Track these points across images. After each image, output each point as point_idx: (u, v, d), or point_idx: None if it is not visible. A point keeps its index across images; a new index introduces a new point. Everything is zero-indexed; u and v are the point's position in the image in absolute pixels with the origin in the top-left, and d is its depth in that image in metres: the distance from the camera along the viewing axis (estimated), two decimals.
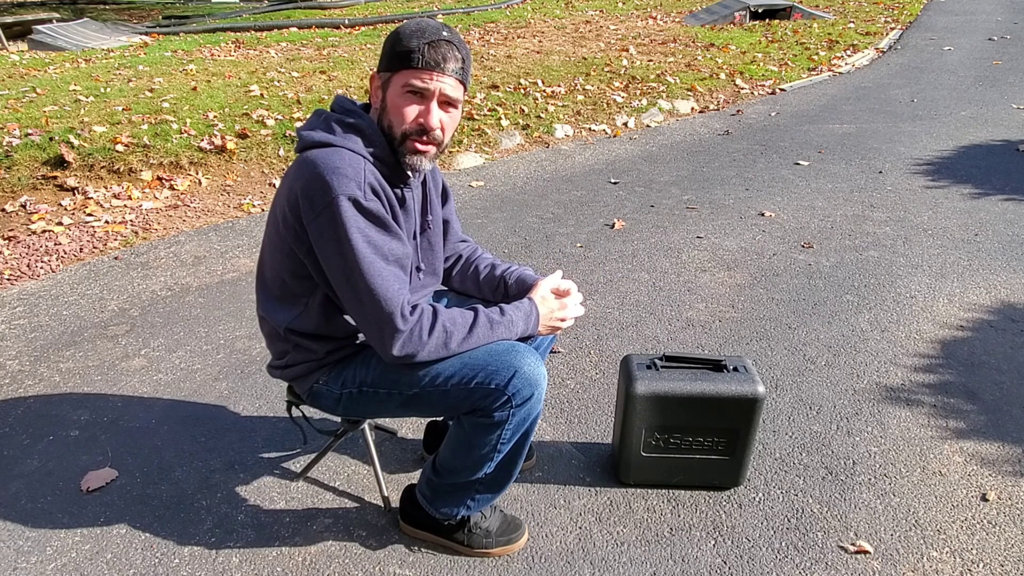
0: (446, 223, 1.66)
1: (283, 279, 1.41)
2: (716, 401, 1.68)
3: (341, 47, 7.71)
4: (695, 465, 1.78)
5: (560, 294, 1.56)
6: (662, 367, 1.74)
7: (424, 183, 1.51)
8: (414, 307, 1.33)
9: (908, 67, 7.58)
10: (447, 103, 1.33)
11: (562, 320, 1.52)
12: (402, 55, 1.28)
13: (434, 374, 1.38)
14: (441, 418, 1.94)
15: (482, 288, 1.69)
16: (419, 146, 1.34)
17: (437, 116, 1.32)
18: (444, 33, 1.29)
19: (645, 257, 3.23)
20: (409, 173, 1.38)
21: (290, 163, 4.28)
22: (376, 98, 1.36)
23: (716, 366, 1.74)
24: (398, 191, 1.40)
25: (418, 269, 1.52)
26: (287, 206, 1.32)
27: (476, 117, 5.20)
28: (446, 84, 1.30)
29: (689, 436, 1.75)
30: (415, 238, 1.49)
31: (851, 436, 2.02)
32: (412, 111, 1.31)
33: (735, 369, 1.73)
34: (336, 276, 1.31)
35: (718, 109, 6.08)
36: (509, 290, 1.64)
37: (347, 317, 1.45)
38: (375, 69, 1.36)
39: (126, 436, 2.04)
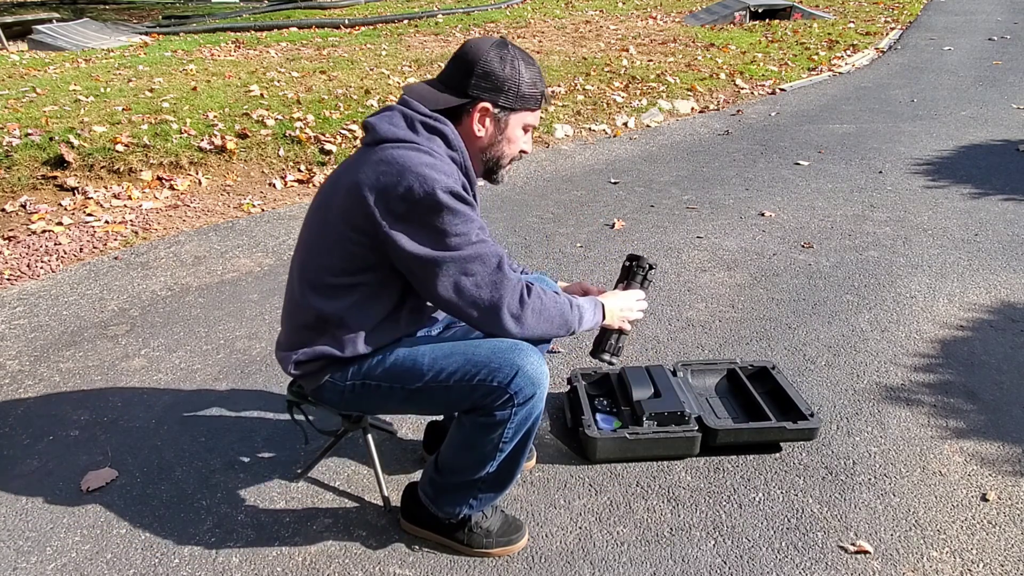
0: None
1: (341, 269, 1.39)
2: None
3: (341, 47, 7.71)
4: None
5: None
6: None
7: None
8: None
9: (908, 67, 7.58)
10: None
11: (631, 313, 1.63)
12: (532, 98, 1.44)
13: (437, 369, 1.38)
14: (441, 417, 1.95)
15: None
16: (511, 165, 1.54)
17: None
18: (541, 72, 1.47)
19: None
20: (480, 181, 1.53)
21: (290, 162, 4.31)
22: (484, 129, 1.44)
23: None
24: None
25: None
26: (368, 198, 1.30)
27: None
28: None
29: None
30: None
31: (851, 436, 2.02)
32: (523, 142, 1.51)
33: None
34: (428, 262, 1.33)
35: (718, 109, 6.08)
36: None
37: (390, 308, 1.44)
38: (487, 103, 1.41)
39: (126, 436, 2.04)
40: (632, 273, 1.70)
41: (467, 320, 1.39)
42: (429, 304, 1.52)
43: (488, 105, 1.41)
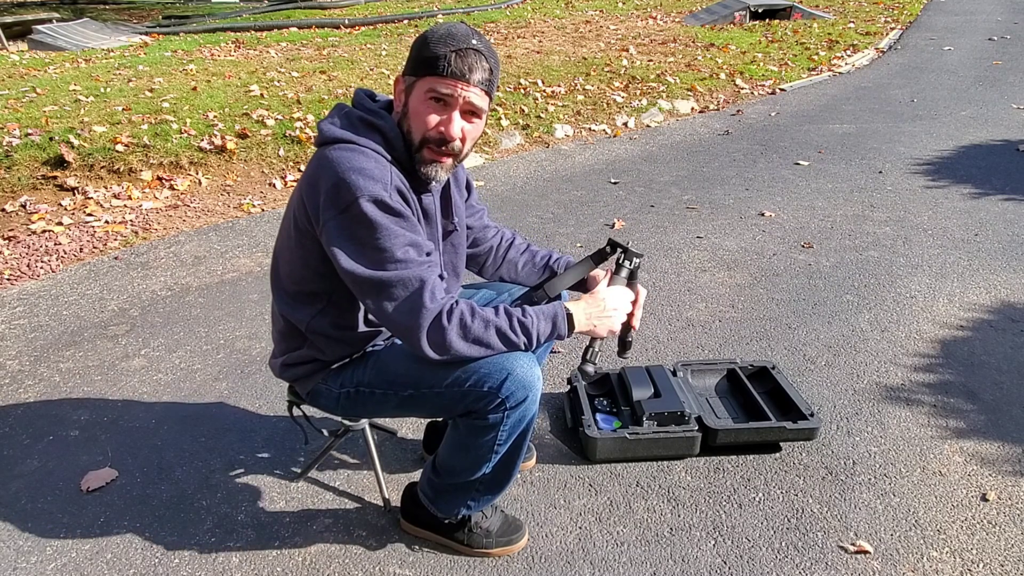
0: (470, 216, 1.64)
1: (301, 276, 1.40)
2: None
3: (341, 47, 7.71)
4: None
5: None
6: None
7: (446, 185, 1.48)
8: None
9: (908, 67, 7.58)
10: (471, 113, 1.30)
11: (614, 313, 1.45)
12: (428, 61, 1.25)
13: (429, 376, 1.37)
14: (440, 418, 1.95)
15: (521, 275, 1.68)
16: (436, 156, 1.31)
17: (459, 126, 1.29)
18: (473, 41, 1.26)
19: (645, 257, 3.23)
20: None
21: (290, 162, 4.31)
22: (399, 102, 1.33)
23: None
24: (419, 197, 1.37)
25: (440, 277, 1.43)
26: (307, 202, 1.29)
27: None
28: (471, 94, 1.27)
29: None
30: (438, 245, 1.46)
31: (851, 436, 2.02)
32: (433, 119, 1.28)
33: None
34: (357, 273, 1.27)
35: (718, 109, 6.08)
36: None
37: (362, 314, 1.43)
38: (400, 72, 1.33)
39: (126, 436, 2.04)
40: (618, 266, 1.52)
41: (397, 338, 1.36)
42: None
43: (400, 75, 1.32)
